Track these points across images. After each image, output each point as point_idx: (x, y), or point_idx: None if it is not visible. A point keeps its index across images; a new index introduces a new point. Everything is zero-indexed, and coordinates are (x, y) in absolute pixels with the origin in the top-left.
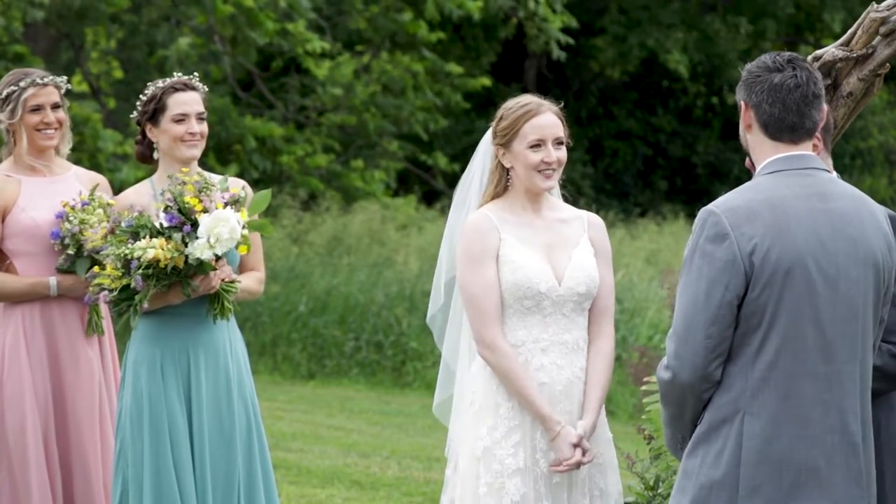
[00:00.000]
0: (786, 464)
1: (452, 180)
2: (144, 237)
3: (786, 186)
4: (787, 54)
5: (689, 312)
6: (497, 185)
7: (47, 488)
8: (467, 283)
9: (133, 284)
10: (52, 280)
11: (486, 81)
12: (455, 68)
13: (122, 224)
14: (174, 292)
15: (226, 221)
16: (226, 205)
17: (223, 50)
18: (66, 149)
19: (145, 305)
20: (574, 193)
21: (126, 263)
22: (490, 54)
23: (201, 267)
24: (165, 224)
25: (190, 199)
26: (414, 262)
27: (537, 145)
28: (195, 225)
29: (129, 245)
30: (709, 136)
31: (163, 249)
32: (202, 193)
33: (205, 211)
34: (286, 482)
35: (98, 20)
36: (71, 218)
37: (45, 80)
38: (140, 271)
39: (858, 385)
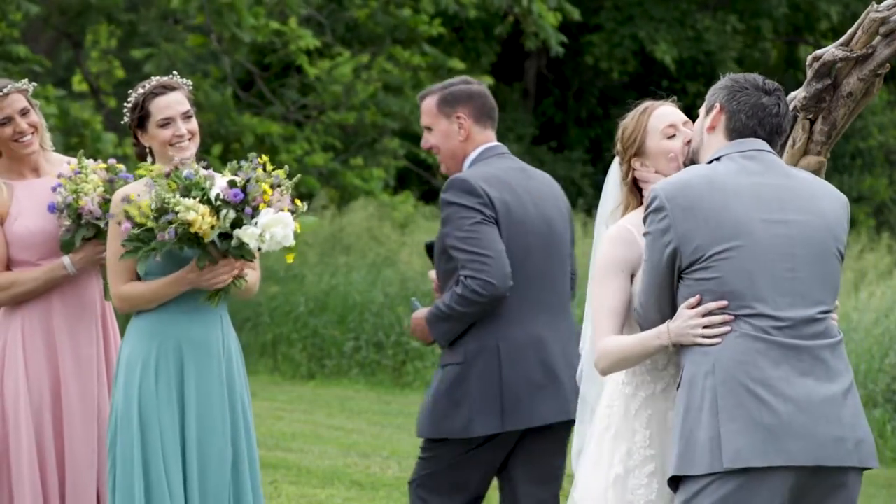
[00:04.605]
0: None
1: None
2: (195, 198)
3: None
4: (775, 83)
5: None
6: (630, 199)
7: (39, 491)
8: (595, 294)
9: (161, 232)
10: (65, 259)
11: (489, 80)
12: (457, 63)
13: (183, 173)
14: (181, 278)
15: (285, 226)
16: (292, 212)
17: (220, 48)
18: (49, 143)
19: (157, 258)
20: (574, 193)
21: (162, 210)
22: (490, 55)
23: (237, 249)
24: (222, 196)
25: (264, 188)
26: (414, 261)
27: (672, 135)
28: (255, 211)
29: (176, 197)
30: None
31: (202, 218)
32: (277, 189)
33: (269, 205)
34: (286, 482)
35: (99, 19)
36: (62, 189)
37: (7, 89)
38: (174, 226)
39: None
